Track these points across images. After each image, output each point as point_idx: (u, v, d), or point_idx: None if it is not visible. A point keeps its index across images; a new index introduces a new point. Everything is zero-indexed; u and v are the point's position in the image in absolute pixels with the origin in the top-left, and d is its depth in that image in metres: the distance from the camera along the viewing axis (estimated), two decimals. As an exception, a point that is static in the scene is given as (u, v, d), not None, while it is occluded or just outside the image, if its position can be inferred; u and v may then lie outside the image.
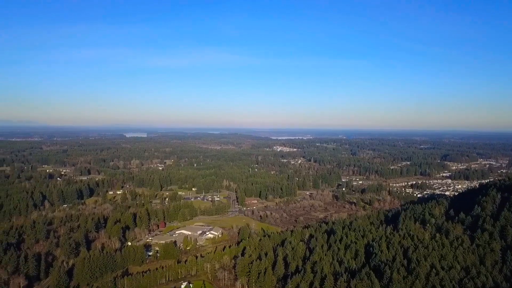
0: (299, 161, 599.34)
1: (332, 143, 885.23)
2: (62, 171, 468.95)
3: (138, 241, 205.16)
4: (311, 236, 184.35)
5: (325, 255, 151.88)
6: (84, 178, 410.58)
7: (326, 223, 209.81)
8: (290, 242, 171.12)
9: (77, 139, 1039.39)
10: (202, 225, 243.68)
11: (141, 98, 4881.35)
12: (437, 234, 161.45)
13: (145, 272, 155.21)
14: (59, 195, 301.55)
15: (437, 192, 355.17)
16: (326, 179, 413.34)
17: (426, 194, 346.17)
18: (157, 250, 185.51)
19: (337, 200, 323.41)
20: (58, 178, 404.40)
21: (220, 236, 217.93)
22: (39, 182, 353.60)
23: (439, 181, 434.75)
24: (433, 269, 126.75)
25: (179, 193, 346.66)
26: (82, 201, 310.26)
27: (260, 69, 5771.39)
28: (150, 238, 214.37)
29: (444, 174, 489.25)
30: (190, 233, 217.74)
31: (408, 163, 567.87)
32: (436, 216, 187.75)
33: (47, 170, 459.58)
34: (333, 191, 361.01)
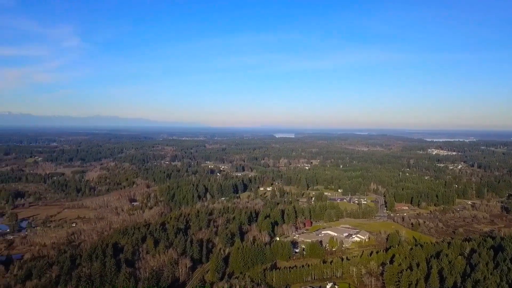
0: (459, 166, 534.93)
1: (501, 147, 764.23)
2: (221, 167, 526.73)
3: (286, 237, 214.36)
4: (472, 250, 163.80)
5: (491, 274, 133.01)
6: (239, 174, 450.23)
7: (493, 238, 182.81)
8: (447, 255, 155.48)
9: (234, 138, 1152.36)
10: (348, 227, 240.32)
11: (290, 100, 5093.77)
12: None
13: (292, 267, 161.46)
14: (218, 188, 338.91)
15: None
16: (493, 187, 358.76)
17: None
18: (303, 248, 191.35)
19: (507, 213, 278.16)
20: (218, 173, 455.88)
21: (367, 240, 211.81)
22: (202, 176, 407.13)
23: None
24: None
25: (325, 193, 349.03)
26: (237, 195, 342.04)
27: (410, 66, 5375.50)
28: (297, 236, 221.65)
29: None
30: (335, 234, 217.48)
31: None
32: None
33: (209, 166, 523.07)
34: (501, 202, 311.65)
